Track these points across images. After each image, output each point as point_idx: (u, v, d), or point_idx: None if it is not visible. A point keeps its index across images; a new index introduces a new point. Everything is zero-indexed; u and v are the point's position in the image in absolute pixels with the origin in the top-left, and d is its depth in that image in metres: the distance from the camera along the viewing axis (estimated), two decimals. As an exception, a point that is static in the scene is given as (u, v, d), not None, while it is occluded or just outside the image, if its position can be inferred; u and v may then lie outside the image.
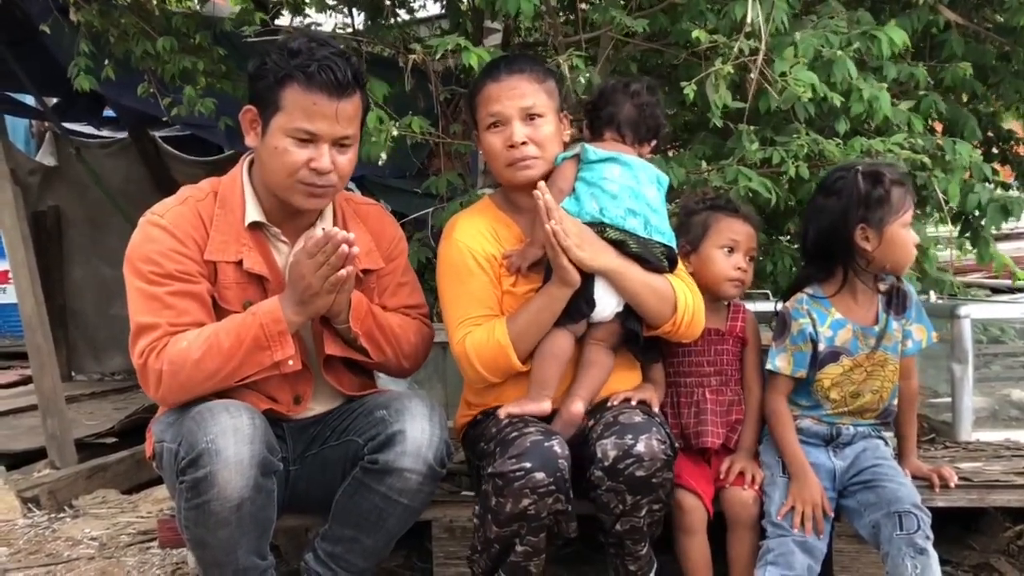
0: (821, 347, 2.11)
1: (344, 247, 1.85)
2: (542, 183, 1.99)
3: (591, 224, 2.03)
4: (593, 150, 2.08)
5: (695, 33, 2.40)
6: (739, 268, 2.23)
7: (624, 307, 2.07)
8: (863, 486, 2.06)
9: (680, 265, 2.16)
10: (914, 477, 2.14)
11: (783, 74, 2.34)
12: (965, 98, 3.28)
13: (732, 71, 2.37)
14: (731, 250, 2.24)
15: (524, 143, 2.06)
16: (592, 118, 2.18)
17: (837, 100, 2.39)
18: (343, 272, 1.87)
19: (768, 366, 2.16)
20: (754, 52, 2.38)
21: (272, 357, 1.92)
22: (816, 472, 2.09)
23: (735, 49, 2.37)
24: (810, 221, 2.18)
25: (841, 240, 2.08)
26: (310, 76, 1.91)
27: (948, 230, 3.06)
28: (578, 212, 2.04)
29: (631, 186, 2.06)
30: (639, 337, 2.10)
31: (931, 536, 1.94)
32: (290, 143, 1.94)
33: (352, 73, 1.95)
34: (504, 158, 2.09)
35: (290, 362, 1.95)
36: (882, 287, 2.15)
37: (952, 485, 2.17)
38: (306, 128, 1.93)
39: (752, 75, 2.37)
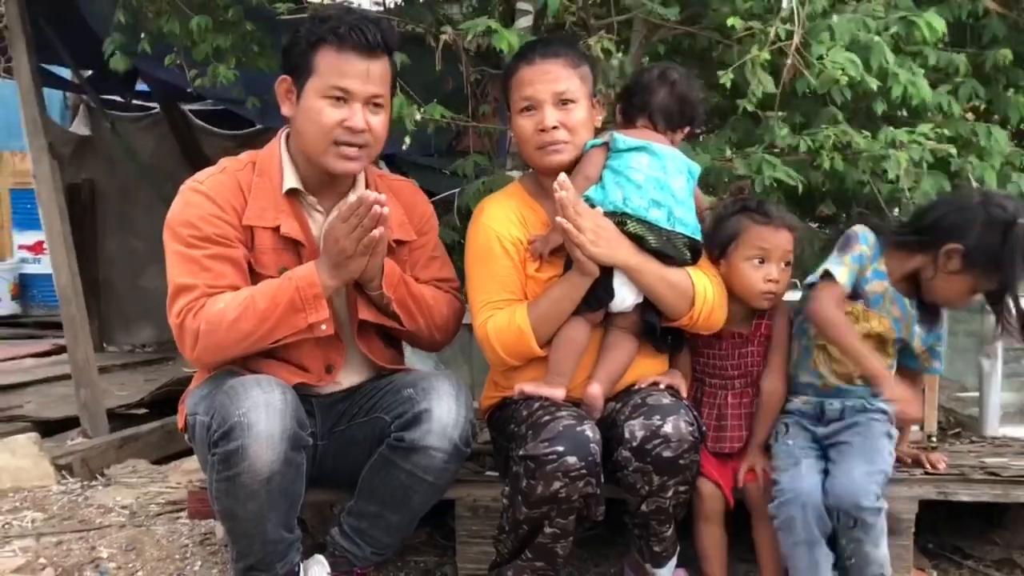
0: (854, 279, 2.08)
1: (376, 208, 1.89)
2: (563, 175, 1.98)
3: (612, 214, 2.03)
4: (623, 138, 2.08)
5: (730, 20, 2.37)
6: (771, 280, 2.12)
7: (643, 299, 2.07)
8: (829, 460, 2.05)
9: (704, 257, 2.15)
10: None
11: (820, 57, 2.31)
12: (1003, 84, 3.21)
13: (769, 57, 2.34)
14: (762, 260, 2.13)
15: (555, 127, 2.06)
16: (625, 105, 2.18)
17: (874, 84, 2.36)
18: (376, 233, 1.91)
19: (825, 266, 2.06)
20: (789, 36, 2.34)
21: (306, 319, 1.96)
22: (797, 434, 2.11)
23: (771, 35, 2.33)
24: (941, 211, 2.06)
25: (931, 244, 2.03)
26: (341, 37, 1.98)
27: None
28: (602, 200, 2.04)
29: (657, 176, 2.05)
30: (656, 329, 2.11)
31: (874, 522, 1.93)
32: (325, 103, 1.99)
33: (382, 36, 2.02)
34: (535, 142, 2.09)
35: (323, 327, 1.98)
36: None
37: (941, 468, 2.24)
38: (339, 85, 1.99)
39: (788, 61, 2.34)
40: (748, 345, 2.20)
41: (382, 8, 3.82)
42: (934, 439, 2.52)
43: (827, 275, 2.06)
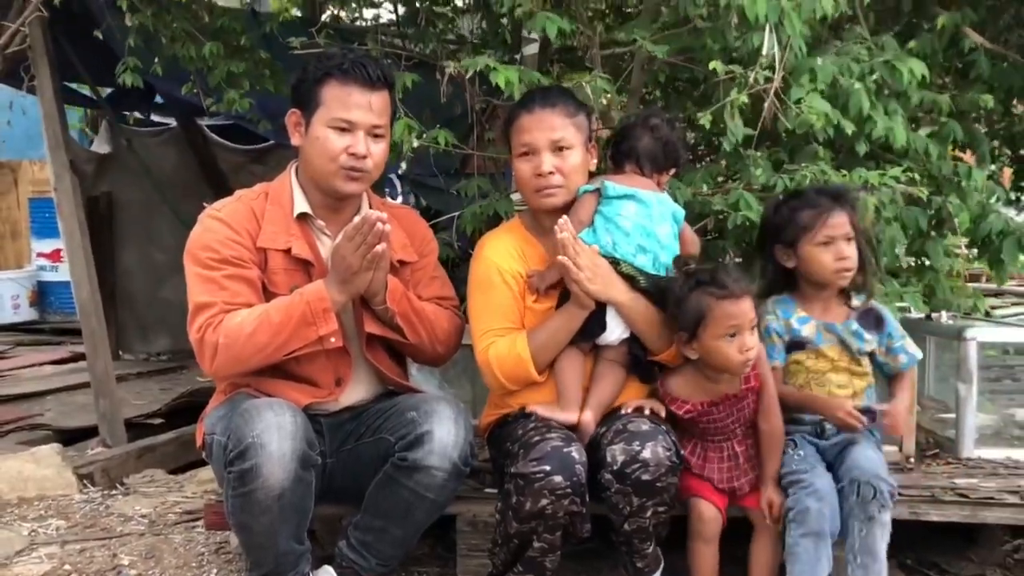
0: (786, 337, 2.32)
1: (379, 225, 2.05)
2: (565, 217, 2.13)
3: (607, 256, 2.17)
4: (612, 186, 2.22)
5: (712, 64, 2.46)
6: (746, 349, 2.11)
7: (630, 334, 2.23)
8: (840, 460, 2.23)
9: None
10: None
11: (798, 101, 2.42)
12: (984, 120, 3.29)
13: (747, 101, 2.44)
14: (734, 334, 2.10)
15: (551, 172, 2.21)
16: (614, 151, 2.33)
17: (849, 129, 2.47)
18: (379, 248, 2.07)
19: None
20: (769, 81, 2.45)
21: (317, 332, 2.10)
22: (805, 446, 2.27)
23: (751, 79, 2.44)
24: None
25: (770, 258, 2.35)
26: (345, 72, 2.16)
27: (964, 243, 3.07)
28: (593, 243, 2.19)
29: (644, 224, 2.20)
30: (642, 361, 2.26)
31: (888, 505, 2.09)
32: (331, 133, 2.16)
33: (382, 71, 2.20)
34: (532, 185, 2.24)
35: (332, 339, 2.13)
36: (855, 303, 2.33)
37: None
38: (343, 117, 2.15)
39: (766, 104, 2.44)
40: (743, 400, 2.24)
41: (396, 26, 3.94)
42: (911, 460, 2.63)
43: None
